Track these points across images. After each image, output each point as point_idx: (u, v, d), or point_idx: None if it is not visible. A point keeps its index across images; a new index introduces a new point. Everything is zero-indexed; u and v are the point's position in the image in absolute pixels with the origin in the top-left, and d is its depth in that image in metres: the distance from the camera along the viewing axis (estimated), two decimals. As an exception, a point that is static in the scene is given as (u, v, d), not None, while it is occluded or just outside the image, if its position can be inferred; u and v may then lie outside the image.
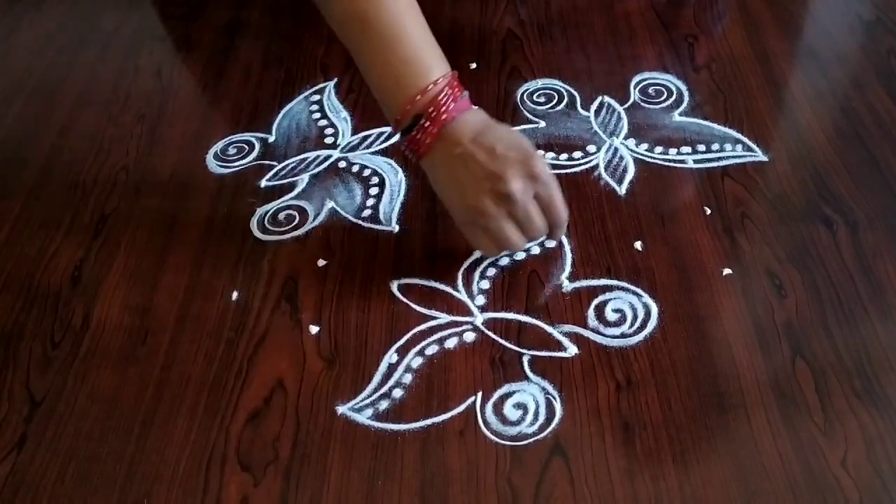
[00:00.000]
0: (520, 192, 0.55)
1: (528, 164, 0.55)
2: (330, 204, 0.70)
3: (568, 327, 0.60)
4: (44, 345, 0.61)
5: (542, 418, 0.54)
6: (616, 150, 0.74)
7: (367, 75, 0.59)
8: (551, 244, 0.65)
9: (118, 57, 0.89)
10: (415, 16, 0.58)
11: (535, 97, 0.80)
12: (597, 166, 0.72)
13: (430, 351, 0.59)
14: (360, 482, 0.52)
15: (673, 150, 0.73)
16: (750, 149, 0.73)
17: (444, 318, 0.61)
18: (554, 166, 0.72)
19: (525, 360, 0.58)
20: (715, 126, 0.76)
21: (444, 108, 0.55)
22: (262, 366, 0.58)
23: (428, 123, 0.56)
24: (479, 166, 0.55)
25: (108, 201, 0.72)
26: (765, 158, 0.72)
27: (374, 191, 0.71)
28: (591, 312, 0.61)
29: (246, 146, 0.77)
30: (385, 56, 0.56)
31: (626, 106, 0.78)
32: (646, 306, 0.61)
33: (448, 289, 0.63)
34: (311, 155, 0.75)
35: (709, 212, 0.67)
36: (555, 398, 0.55)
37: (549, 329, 0.60)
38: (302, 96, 0.82)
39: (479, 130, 0.56)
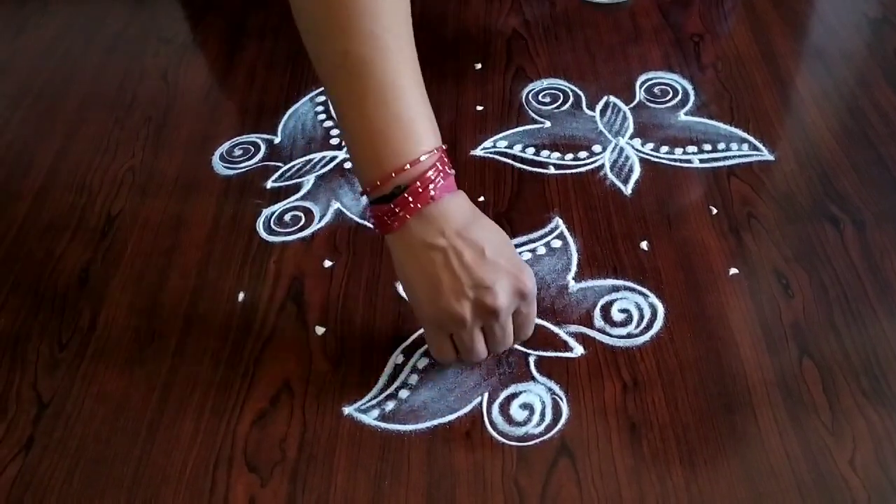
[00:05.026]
0: (506, 309, 0.50)
1: (518, 280, 0.49)
2: (336, 205, 0.70)
3: (574, 327, 0.60)
4: (51, 346, 0.61)
5: (548, 419, 0.54)
6: (622, 149, 0.73)
7: (349, 128, 0.49)
8: (557, 244, 0.65)
9: (124, 59, 0.89)
10: (416, 75, 0.50)
11: (540, 97, 0.80)
12: (602, 166, 0.72)
13: (436, 351, 0.59)
14: (366, 483, 0.52)
15: (679, 150, 0.73)
16: (756, 148, 0.73)
17: (450, 318, 0.61)
18: (559, 166, 0.72)
19: (531, 360, 0.58)
20: (721, 125, 0.75)
21: (433, 184, 0.48)
22: (269, 367, 0.59)
23: (411, 199, 0.48)
24: (464, 268, 0.48)
25: (114, 203, 0.72)
26: (771, 158, 0.72)
27: (379, 191, 0.71)
28: (597, 312, 0.60)
29: (252, 147, 0.77)
30: (378, 111, 0.48)
31: (631, 105, 0.78)
32: (652, 306, 0.61)
33: (454, 289, 0.63)
34: (317, 156, 0.75)
35: (715, 211, 0.67)
36: (561, 398, 0.55)
37: (555, 329, 0.59)
38: (308, 97, 0.82)
39: (466, 222, 0.49)
